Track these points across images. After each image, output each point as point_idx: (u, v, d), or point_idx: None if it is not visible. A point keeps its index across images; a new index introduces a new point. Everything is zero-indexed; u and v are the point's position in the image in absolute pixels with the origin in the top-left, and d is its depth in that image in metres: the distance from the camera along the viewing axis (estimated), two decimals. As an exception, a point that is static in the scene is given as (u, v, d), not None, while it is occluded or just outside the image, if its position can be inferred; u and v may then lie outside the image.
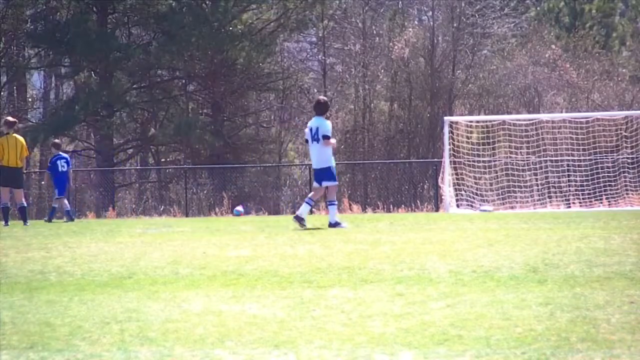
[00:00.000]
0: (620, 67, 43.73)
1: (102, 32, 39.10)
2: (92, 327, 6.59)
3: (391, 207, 31.12)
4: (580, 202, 28.19)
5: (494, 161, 30.39)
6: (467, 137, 30.54)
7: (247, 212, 29.91)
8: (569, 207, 27.93)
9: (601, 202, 27.67)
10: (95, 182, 38.11)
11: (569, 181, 30.25)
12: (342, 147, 39.09)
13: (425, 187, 34.13)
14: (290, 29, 41.43)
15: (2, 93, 42.72)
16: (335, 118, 39.35)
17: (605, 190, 28.31)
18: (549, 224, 15.05)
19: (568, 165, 30.21)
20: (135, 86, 41.38)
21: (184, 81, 42.22)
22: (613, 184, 28.60)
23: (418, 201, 32.53)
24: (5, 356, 5.81)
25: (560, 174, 30.55)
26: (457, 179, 27.71)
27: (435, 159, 32.77)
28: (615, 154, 30.35)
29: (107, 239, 13.79)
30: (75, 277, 9.37)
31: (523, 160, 30.13)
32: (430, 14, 43.80)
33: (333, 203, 15.91)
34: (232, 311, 7.10)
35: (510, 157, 30.49)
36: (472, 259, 9.79)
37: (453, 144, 27.49)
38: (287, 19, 40.80)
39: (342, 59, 43.35)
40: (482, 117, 34.78)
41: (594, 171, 28.97)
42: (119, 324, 6.68)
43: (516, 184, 29.23)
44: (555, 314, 6.65)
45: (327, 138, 15.78)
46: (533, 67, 40.34)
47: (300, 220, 15.44)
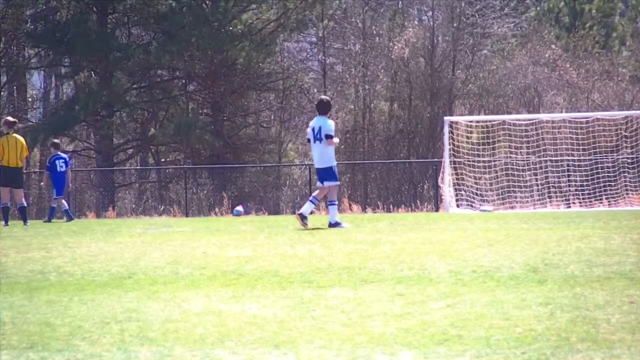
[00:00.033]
0: (620, 67, 43.71)
1: (102, 32, 39.10)
2: (92, 327, 6.59)
3: (391, 207, 31.11)
4: (580, 202, 28.18)
5: (494, 161, 30.39)
6: (467, 137, 30.53)
7: (247, 212, 29.90)
8: (569, 207, 27.92)
9: (601, 202, 27.66)
10: (95, 182, 38.11)
11: (569, 181, 30.24)
12: (342, 147, 39.06)
13: (425, 187, 34.12)
14: (290, 29, 41.43)
15: (2, 93, 42.72)
16: (335, 118, 39.29)
17: (605, 190, 28.30)
18: (549, 224, 15.05)
19: (568, 165, 30.20)
20: (135, 86, 41.38)
21: (184, 81, 42.21)
22: (613, 184, 28.58)
23: (418, 201, 32.52)
24: (5, 356, 5.81)
25: (560, 174, 30.54)
26: (457, 179, 27.70)
27: (435, 159, 32.76)
28: (615, 154, 30.35)
29: (107, 239, 13.78)
30: (75, 277, 9.37)
31: (523, 160, 30.12)
32: (430, 14, 43.79)
33: (333, 203, 15.92)
34: (232, 311, 7.10)
35: (510, 157, 30.48)
36: (472, 259, 9.79)
37: (453, 144, 27.48)
38: (287, 19, 40.79)
39: (342, 59, 43.33)
40: (482, 117, 34.77)
41: (594, 171, 28.96)
42: (119, 324, 6.68)
43: (516, 184, 29.23)
44: (555, 314, 6.65)
45: (330, 137, 15.80)
46: (533, 67, 40.34)
47: (303, 219, 15.52)
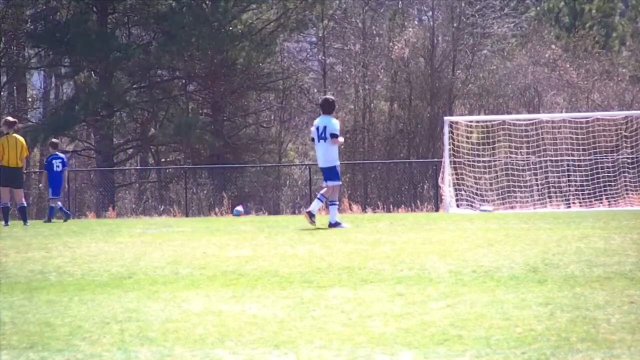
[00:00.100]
0: (620, 67, 43.69)
1: (102, 32, 39.10)
2: (92, 327, 6.59)
3: (391, 207, 31.10)
4: (580, 202, 28.18)
5: (494, 161, 30.38)
6: (467, 137, 30.52)
7: (247, 212, 29.89)
8: (569, 207, 27.92)
9: (601, 202, 27.65)
10: (95, 182, 38.11)
11: (569, 181, 30.23)
12: (342, 147, 39.01)
13: (425, 187, 34.12)
14: (290, 29, 41.43)
15: (2, 93, 42.72)
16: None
17: (605, 190, 28.29)
18: (549, 224, 15.05)
19: (568, 165, 30.19)
20: (135, 86, 41.38)
21: (184, 81, 42.21)
22: (613, 184, 28.58)
23: (418, 201, 32.52)
24: (5, 356, 5.81)
25: (560, 174, 30.54)
26: (457, 179, 27.69)
27: (435, 159, 32.76)
28: (615, 154, 30.34)
29: (107, 239, 13.78)
30: (75, 277, 9.37)
31: (523, 160, 30.11)
32: (430, 14, 43.78)
33: (334, 203, 15.93)
34: (232, 311, 7.10)
35: (510, 157, 30.47)
36: (472, 259, 9.79)
37: (453, 144, 27.47)
38: (287, 19, 40.79)
39: (342, 59, 43.32)
40: (482, 117, 34.76)
41: (594, 171, 28.96)
42: (119, 324, 6.68)
43: (516, 184, 29.22)
44: (555, 314, 6.65)
45: (335, 137, 15.84)
46: (533, 67, 40.33)
47: (311, 216, 15.56)
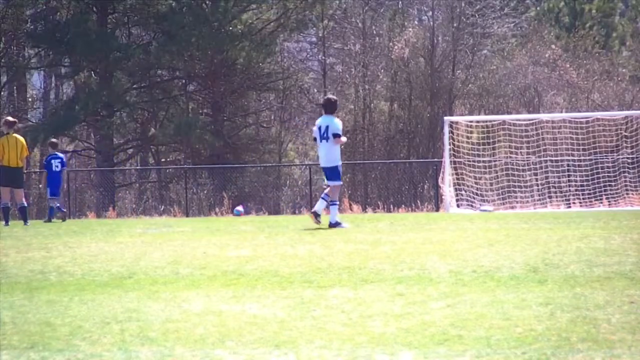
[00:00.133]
0: (620, 67, 43.69)
1: (102, 32, 39.10)
2: (93, 327, 6.59)
3: (391, 207, 31.10)
4: (580, 202, 28.17)
5: (494, 161, 30.38)
6: (467, 137, 30.52)
7: (247, 212, 29.89)
8: (569, 207, 27.91)
9: (601, 202, 27.65)
10: (96, 182, 38.11)
11: (569, 181, 30.23)
12: (343, 147, 39.03)
13: (426, 187, 34.12)
14: (290, 29, 41.42)
15: (2, 93, 42.71)
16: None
17: (605, 190, 28.29)
18: (549, 224, 15.05)
19: (568, 165, 30.19)
20: (135, 86, 41.38)
21: (184, 81, 42.20)
22: (613, 184, 28.58)
23: (418, 201, 32.52)
24: (6, 356, 5.81)
25: (561, 174, 30.53)
26: (457, 179, 27.69)
27: (436, 159, 32.75)
28: (615, 154, 30.34)
29: (107, 239, 13.78)
30: (76, 277, 9.37)
31: (523, 160, 30.11)
32: (430, 14, 43.78)
33: (334, 203, 15.94)
34: (232, 311, 7.10)
35: (511, 157, 30.47)
36: (473, 259, 9.79)
37: (453, 144, 27.47)
38: (287, 19, 40.79)
39: (342, 59, 43.32)
40: (482, 117, 34.76)
41: (594, 171, 28.96)
42: (119, 323, 6.68)
43: (516, 184, 29.22)
44: (555, 314, 6.65)
45: (337, 136, 15.88)
46: (533, 67, 40.32)
47: (316, 216, 15.63)
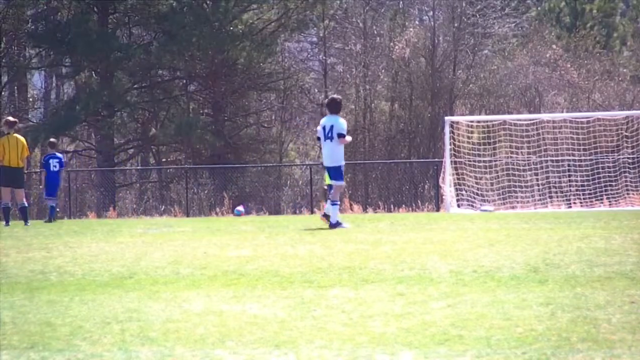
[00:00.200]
0: (621, 67, 43.68)
1: (103, 32, 39.11)
2: (93, 327, 6.58)
3: (392, 207, 31.11)
4: (581, 202, 28.17)
5: (495, 161, 30.38)
6: (468, 137, 30.52)
7: (248, 212, 29.89)
8: (570, 207, 27.91)
9: (602, 202, 27.65)
10: (96, 182, 38.12)
11: (569, 181, 30.22)
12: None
13: (426, 187, 34.11)
14: (291, 29, 41.44)
15: (3, 93, 42.73)
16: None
17: (606, 190, 28.29)
18: (549, 224, 15.05)
19: (569, 165, 30.19)
20: (136, 86, 41.40)
21: (184, 81, 42.22)
22: (614, 184, 28.57)
23: (419, 201, 32.52)
24: (6, 356, 5.81)
25: (561, 174, 30.53)
26: (458, 178, 27.69)
27: (436, 159, 32.77)
28: (616, 154, 30.33)
29: (108, 239, 13.78)
30: (76, 277, 9.37)
31: (524, 160, 30.10)
32: (431, 13, 43.78)
33: (335, 203, 15.95)
34: (232, 311, 7.10)
35: (511, 157, 30.47)
36: (473, 259, 9.78)
37: (454, 144, 27.47)
38: (287, 19, 40.80)
39: (343, 59, 43.32)
40: (482, 117, 34.77)
41: (595, 171, 28.95)
42: (119, 324, 6.68)
43: (517, 184, 29.21)
44: (556, 314, 6.64)
45: (342, 136, 15.90)
46: (534, 67, 40.32)
47: (327, 217, 15.82)
